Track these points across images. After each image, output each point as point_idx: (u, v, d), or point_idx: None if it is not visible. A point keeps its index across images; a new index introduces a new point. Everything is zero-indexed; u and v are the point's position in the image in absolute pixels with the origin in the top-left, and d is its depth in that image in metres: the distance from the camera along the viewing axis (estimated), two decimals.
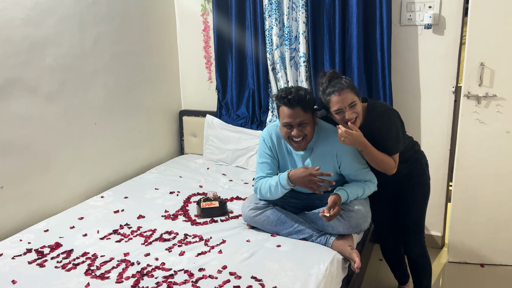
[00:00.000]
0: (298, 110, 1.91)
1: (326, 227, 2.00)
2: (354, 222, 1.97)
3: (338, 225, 1.97)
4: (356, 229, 1.99)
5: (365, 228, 2.03)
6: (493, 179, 2.57)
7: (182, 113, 3.46)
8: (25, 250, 1.95)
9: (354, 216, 1.97)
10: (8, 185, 2.20)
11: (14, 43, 2.17)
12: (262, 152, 2.13)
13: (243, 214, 2.15)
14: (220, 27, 3.12)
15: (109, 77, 2.78)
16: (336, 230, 1.99)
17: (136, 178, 2.92)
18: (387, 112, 1.99)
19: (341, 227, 1.97)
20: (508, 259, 2.68)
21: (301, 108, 1.91)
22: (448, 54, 2.63)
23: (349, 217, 1.97)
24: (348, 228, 1.97)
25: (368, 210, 2.05)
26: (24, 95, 2.24)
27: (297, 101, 1.90)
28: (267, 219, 2.07)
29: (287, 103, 1.91)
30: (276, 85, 3.02)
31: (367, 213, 2.03)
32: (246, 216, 2.13)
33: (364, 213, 2.00)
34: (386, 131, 1.96)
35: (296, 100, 1.90)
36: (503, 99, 2.46)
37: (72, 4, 2.47)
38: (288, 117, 1.92)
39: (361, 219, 1.98)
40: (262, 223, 2.08)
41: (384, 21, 2.61)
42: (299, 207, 2.18)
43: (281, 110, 1.96)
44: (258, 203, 2.11)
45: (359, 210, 1.99)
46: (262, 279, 1.68)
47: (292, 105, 1.90)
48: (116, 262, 1.85)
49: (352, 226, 1.97)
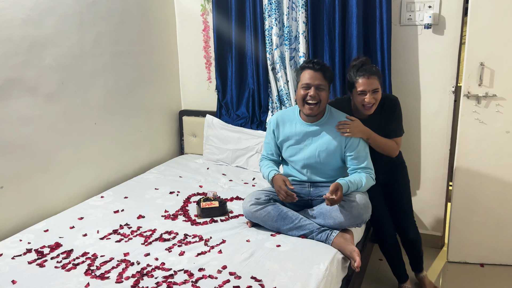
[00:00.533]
0: (319, 74, 2.07)
1: (328, 219, 2.02)
2: (355, 213, 1.99)
3: (340, 216, 1.99)
4: (357, 219, 2.00)
5: (366, 219, 2.04)
6: (493, 179, 2.57)
7: (182, 113, 3.46)
8: (25, 250, 1.95)
9: (355, 206, 1.99)
10: (8, 185, 2.20)
11: (14, 43, 2.17)
12: (267, 133, 2.33)
13: (244, 210, 2.15)
14: (220, 27, 3.12)
15: (109, 77, 2.78)
16: (337, 221, 2.00)
17: (136, 178, 2.92)
18: (397, 99, 2.30)
19: (343, 217, 1.99)
20: (508, 259, 2.68)
21: (322, 73, 2.07)
22: (448, 54, 2.63)
23: (351, 207, 1.99)
24: (350, 218, 1.99)
25: (369, 202, 2.07)
26: (24, 95, 2.24)
27: (320, 65, 2.08)
28: (268, 214, 2.07)
29: (310, 66, 2.08)
30: (276, 85, 3.02)
31: (368, 204, 2.05)
32: (247, 211, 2.13)
33: (365, 203, 2.03)
34: (398, 115, 2.28)
35: (319, 65, 2.08)
36: (503, 99, 2.46)
37: (72, 4, 2.47)
38: (309, 78, 2.07)
39: (362, 209, 2.00)
40: (263, 219, 2.08)
41: (384, 21, 2.61)
42: (299, 204, 2.20)
43: (302, 74, 2.11)
44: (259, 198, 2.13)
45: (360, 200, 2.02)
46: (262, 279, 1.68)
47: (315, 68, 2.07)
48: (116, 262, 1.85)
49: (354, 216, 1.99)
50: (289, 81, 2.94)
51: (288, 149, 2.24)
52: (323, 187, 2.19)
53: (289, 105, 2.99)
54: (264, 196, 2.15)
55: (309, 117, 2.16)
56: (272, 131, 2.28)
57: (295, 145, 2.21)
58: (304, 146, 2.19)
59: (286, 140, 2.24)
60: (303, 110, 2.14)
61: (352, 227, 2.08)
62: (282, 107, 3.04)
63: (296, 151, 2.21)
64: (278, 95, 3.04)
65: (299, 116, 2.23)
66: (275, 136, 2.28)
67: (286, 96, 2.99)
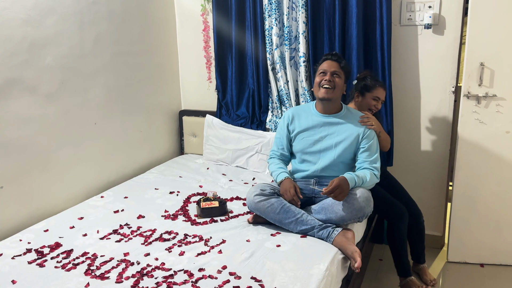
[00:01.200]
0: (336, 63, 2.20)
1: (330, 213, 2.03)
2: (357, 206, 1.99)
3: (341, 209, 2.00)
4: (359, 212, 2.00)
5: (368, 213, 2.04)
6: (493, 179, 2.57)
7: (182, 113, 3.46)
8: (25, 250, 1.95)
9: (357, 199, 2.00)
10: (8, 185, 2.20)
11: (14, 43, 2.17)
12: (280, 127, 2.38)
13: (248, 200, 2.15)
14: (220, 27, 3.12)
15: (109, 77, 2.78)
16: (339, 215, 2.01)
17: (136, 178, 2.92)
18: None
19: (345, 211, 1.99)
20: (508, 259, 2.68)
21: (338, 63, 2.21)
22: (448, 54, 2.63)
23: (353, 200, 2.00)
24: (352, 211, 1.99)
25: (370, 196, 2.07)
26: (24, 95, 2.24)
27: (338, 57, 2.23)
28: (271, 206, 2.07)
29: (328, 57, 2.23)
30: (276, 85, 3.02)
31: (370, 198, 2.05)
32: (250, 202, 2.13)
33: (367, 197, 2.03)
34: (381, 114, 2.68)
35: (337, 56, 2.23)
36: (503, 99, 2.46)
37: (72, 4, 2.47)
38: (326, 66, 2.20)
39: (364, 203, 2.00)
40: (266, 210, 2.08)
41: (384, 21, 2.61)
42: (302, 202, 2.19)
43: (321, 65, 2.23)
44: (264, 190, 2.13)
45: (362, 194, 2.02)
46: (262, 279, 1.68)
47: (332, 58, 2.22)
48: (116, 262, 1.85)
49: (356, 209, 1.99)
50: (289, 81, 2.94)
51: (302, 140, 2.27)
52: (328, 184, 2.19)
53: (289, 105, 2.99)
54: (270, 189, 2.16)
55: (325, 106, 2.24)
56: (287, 125, 2.32)
57: (310, 137, 2.25)
58: (320, 138, 2.23)
59: (302, 131, 2.27)
60: (318, 94, 2.21)
61: (354, 222, 2.07)
62: (282, 107, 3.04)
63: (311, 142, 2.25)
64: (278, 95, 3.04)
65: (315, 109, 2.29)
66: (289, 131, 2.32)
67: (286, 96, 2.99)
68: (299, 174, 2.28)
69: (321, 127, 2.24)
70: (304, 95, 2.91)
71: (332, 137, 2.22)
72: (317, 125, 2.25)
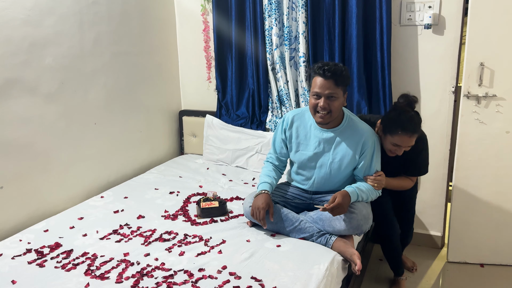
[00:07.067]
0: (330, 82, 1.93)
1: (327, 227, 2.00)
2: (355, 223, 1.97)
3: (339, 225, 1.97)
4: (356, 230, 1.99)
5: (366, 230, 2.03)
6: (493, 179, 2.57)
7: (182, 113, 3.46)
8: (25, 250, 1.95)
9: (355, 217, 1.97)
10: (8, 185, 2.20)
11: (14, 43, 2.17)
12: (277, 130, 2.24)
13: (244, 210, 2.15)
14: (220, 27, 3.12)
15: (109, 77, 2.78)
16: (336, 230, 1.98)
17: (136, 178, 2.92)
18: (426, 137, 2.25)
19: (342, 227, 1.97)
20: (508, 259, 2.68)
21: (333, 81, 1.93)
22: (448, 54, 2.63)
23: (350, 218, 1.97)
24: (349, 229, 1.97)
25: (370, 212, 2.06)
26: (24, 95, 2.24)
27: (332, 72, 1.92)
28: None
29: (321, 73, 1.94)
30: (275, 85, 3.02)
31: (368, 215, 2.03)
32: (247, 212, 2.12)
33: (366, 214, 2.01)
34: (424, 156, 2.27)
35: (331, 72, 1.92)
36: (503, 99, 2.46)
37: (72, 4, 2.47)
38: (319, 87, 1.95)
39: (362, 221, 1.98)
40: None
41: (384, 21, 2.61)
42: (300, 207, 2.19)
43: (314, 80, 1.98)
44: None
45: (361, 211, 1.99)
46: (262, 280, 1.68)
47: (326, 76, 1.92)
48: (116, 262, 1.85)
49: (353, 227, 1.97)
50: (289, 81, 2.94)
51: (297, 154, 2.16)
52: (327, 193, 2.17)
53: (289, 105, 2.99)
54: None
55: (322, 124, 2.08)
56: (284, 130, 2.19)
57: (306, 151, 2.13)
58: (315, 156, 2.11)
59: (297, 144, 2.16)
60: (314, 118, 2.06)
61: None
62: (282, 107, 3.04)
63: (306, 158, 2.13)
64: (278, 95, 3.04)
65: (313, 121, 2.12)
66: (286, 136, 2.20)
67: (286, 96, 2.99)
68: (295, 183, 2.25)
69: (318, 143, 2.10)
70: (304, 95, 2.91)
71: (328, 156, 2.10)
72: (314, 141, 2.11)
